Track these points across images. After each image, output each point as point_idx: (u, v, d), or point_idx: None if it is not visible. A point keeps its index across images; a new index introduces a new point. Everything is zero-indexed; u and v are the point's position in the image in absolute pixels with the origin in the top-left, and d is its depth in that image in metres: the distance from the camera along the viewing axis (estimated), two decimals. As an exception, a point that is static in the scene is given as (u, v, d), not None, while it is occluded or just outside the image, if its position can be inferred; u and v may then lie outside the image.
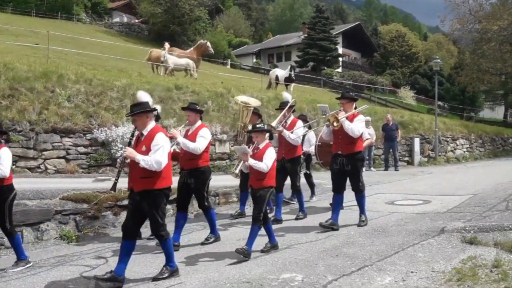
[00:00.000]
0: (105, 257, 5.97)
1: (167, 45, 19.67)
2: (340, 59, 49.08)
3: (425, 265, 4.96)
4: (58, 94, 10.23)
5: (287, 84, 21.54)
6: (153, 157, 4.72)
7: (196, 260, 5.62)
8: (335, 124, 6.59)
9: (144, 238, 6.64)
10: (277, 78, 22.11)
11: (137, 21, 47.60)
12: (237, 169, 5.84)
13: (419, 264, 5.00)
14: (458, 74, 36.30)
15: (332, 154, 7.00)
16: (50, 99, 10.01)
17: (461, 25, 31.71)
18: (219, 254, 5.80)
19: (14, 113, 9.25)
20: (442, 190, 10.32)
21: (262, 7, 76.78)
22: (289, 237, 6.47)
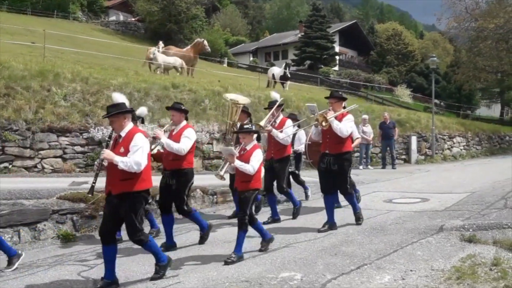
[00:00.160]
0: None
1: (161, 44, 19.72)
2: (337, 57, 49.15)
3: (424, 263, 4.95)
4: (55, 93, 10.20)
5: (283, 82, 21.50)
6: (132, 158, 4.59)
7: (195, 260, 5.59)
8: (323, 124, 6.47)
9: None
10: (274, 76, 22.11)
11: (133, 19, 47.38)
12: (223, 170, 5.58)
13: (418, 262, 4.99)
14: (455, 72, 36.28)
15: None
16: (46, 98, 9.97)
17: (458, 23, 31.72)
18: (217, 253, 5.76)
19: (10, 112, 9.22)
20: (440, 188, 10.31)
21: (259, 5, 76.61)
22: (287, 236, 6.44)
